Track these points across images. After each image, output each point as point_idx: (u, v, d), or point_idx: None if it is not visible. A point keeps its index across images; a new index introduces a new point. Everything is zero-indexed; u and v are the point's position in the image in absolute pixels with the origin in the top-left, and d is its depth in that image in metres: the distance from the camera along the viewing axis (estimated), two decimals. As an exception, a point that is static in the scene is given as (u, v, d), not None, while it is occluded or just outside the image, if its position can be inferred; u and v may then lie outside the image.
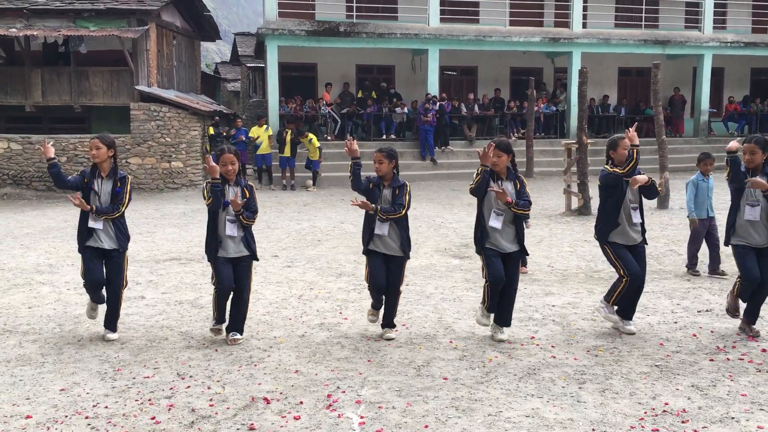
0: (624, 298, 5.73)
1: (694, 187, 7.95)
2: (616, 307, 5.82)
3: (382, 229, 5.64)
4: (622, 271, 5.66)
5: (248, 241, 5.71)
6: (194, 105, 19.67)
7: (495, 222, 5.52)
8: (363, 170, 5.63)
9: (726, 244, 5.87)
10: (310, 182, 18.54)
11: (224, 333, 5.80)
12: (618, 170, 5.64)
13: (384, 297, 5.80)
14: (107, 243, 5.76)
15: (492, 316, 5.70)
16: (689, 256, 8.17)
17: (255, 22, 67.54)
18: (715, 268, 7.99)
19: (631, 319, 5.88)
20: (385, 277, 5.67)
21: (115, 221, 5.78)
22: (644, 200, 5.87)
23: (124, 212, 5.80)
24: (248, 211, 5.65)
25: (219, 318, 5.79)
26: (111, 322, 5.89)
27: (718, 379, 4.72)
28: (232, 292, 5.68)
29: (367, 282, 5.82)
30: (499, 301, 5.60)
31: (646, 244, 5.88)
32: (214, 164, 5.47)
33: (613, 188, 5.69)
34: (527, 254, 6.04)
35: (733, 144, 5.62)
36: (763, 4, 24.58)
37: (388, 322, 5.87)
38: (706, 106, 23.53)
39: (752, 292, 5.64)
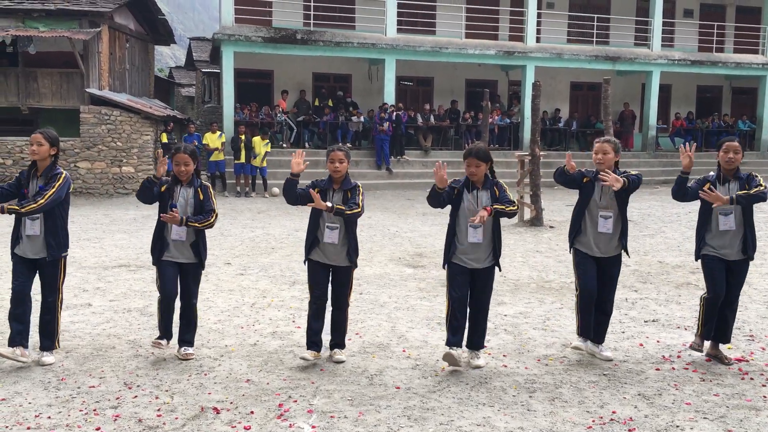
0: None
1: None
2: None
3: (331, 236, 5.26)
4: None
5: (198, 247, 5.43)
6: (147, 109, 19.35)
7: (474, 237, 5.11)
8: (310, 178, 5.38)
9: (696, 258, 5.48)
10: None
11: (164, 346, 5.43)
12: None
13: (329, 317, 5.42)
14: (34, 251, 5.25)
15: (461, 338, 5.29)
16: None
17: (211, 27, 66.98)
18: None
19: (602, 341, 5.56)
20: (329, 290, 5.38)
21: (48, 225, 5.22)
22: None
23: (57, 213, 5.23)
24: (202, 213, 5.35)
25: (163, 331, 5.45)
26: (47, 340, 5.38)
27: (663, 388, 4.83)
28: (179, 302, 5.49)
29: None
30: (468, 325, 5.30)
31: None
32: (163, 161, 5.23)
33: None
34: (500, 269, 5.42)
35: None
36: (709, 23, 25.45)
37: (338, 342, 5.47)
38: (654, 121, 24.20)
39: (719, 310, 5.31)
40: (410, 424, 4.21)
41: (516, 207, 5.27)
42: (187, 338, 5.52)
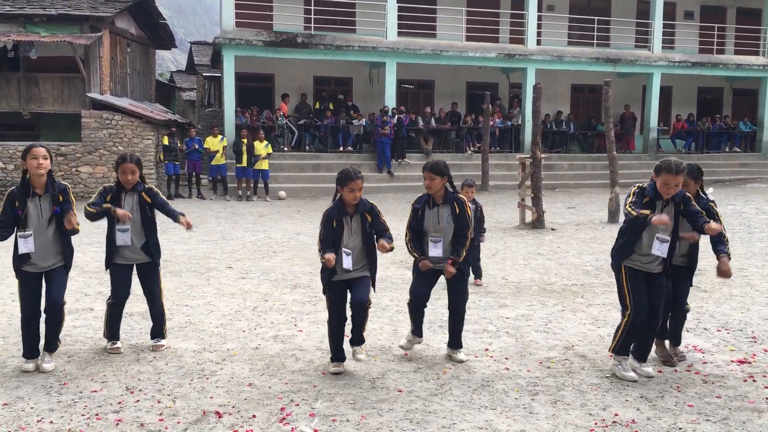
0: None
1: None
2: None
3: (347, 262, 5.07)
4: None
5: (149, 247, 5.60)
6: (148, 113, 19.38)
7: (434, 251, 5.24)
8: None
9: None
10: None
11: (120, 349, 5.63)
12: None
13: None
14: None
15: (419, 339, 5.57)
16: None
17: (212, 32, 67.04)
18: None
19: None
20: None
21: (59, 234, 5.36)
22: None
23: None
24: (166, 212, 5.61)
25: (110, 333, 5.67)
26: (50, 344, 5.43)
27: (666, 390, 4.82)
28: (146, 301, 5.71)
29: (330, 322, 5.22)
30: (449, 325, 5.46)
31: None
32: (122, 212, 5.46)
33: None
34: (468, 267, 5.58)
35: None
36: (710, 25, 25.46)
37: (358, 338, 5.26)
38: (655, 123, 24.20)
39: (671, 316, 5.32)
40: (412, 427, 4.20)
41: (469, 237, 5.27)
42: (158, 331, 5.75)
